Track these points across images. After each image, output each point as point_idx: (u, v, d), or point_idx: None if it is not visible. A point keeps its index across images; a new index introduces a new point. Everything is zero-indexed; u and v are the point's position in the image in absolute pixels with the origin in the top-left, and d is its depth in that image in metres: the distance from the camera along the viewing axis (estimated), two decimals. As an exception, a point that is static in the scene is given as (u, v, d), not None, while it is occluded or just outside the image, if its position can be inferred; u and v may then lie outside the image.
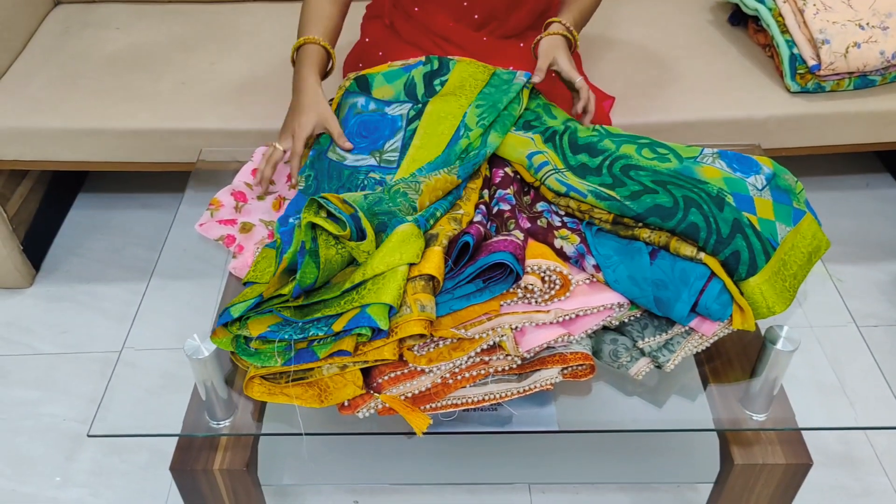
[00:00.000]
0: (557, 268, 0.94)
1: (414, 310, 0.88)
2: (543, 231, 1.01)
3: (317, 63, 1.20)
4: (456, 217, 1.01)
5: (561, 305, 0.95)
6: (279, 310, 0.94)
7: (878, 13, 1.56)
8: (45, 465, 1.43)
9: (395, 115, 1.19)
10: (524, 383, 0.97)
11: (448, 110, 1.17)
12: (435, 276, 0.91)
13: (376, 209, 0.99)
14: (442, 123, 1.15)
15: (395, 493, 1.37)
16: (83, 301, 1.73)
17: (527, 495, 1.37)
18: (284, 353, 0.91)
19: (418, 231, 0.95)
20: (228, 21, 1.82)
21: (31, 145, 1.58)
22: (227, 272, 1.24)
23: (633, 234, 1.00)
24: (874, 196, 1.98)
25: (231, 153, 1.52)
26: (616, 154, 1.11)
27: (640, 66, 1.68)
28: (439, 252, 0.93)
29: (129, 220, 1.92)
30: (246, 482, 1.04)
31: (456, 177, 1.05)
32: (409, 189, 1.01)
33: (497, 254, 0.92)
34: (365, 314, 0.88)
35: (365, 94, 1.24)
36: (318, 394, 0.93)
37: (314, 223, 0.94)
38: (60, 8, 1.87)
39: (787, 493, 1.07)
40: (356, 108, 1.21)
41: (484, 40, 1.37)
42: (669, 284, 0.95)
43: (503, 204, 1.04)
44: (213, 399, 1.01)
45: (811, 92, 1.59)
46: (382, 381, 0.93)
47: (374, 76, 1.25)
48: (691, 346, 0.99)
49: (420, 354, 0.92)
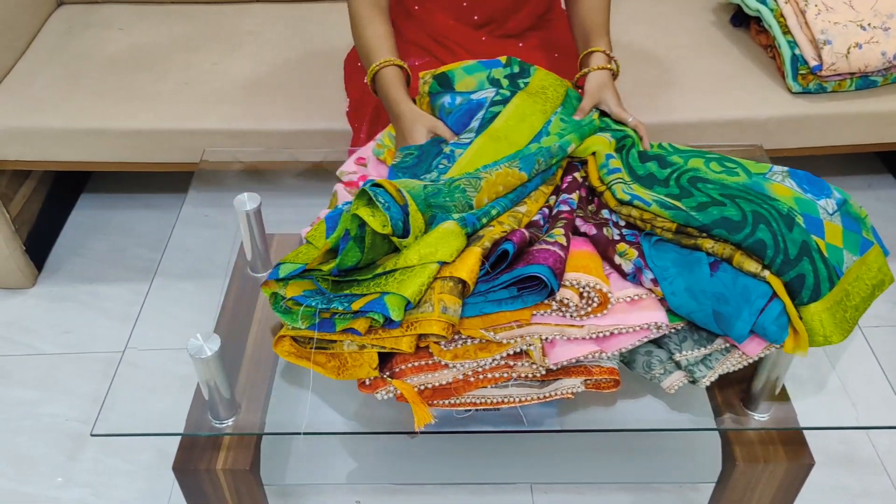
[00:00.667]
0: (598, 285, 0.91)
1: (436, 309, 0.88)
2: (605, 242, 0.98)
3: (401, 82, 1.19)
4: (516, 215, 0.99)
5: (596, 322, 0.93)
6: (317, 279, 0.95)
7: (880, 14, 1.56)
8: (47, 465, 1.43)
9: (481, 98, 1.16)
10: (545, 390, 0.96)
11: (531, 111, 1.14)
12: (466, 280, 0.90)
13: (432, 201, 0.97)
14: (524, 121, 1.13)
15: (397, 493, 1.37)
16: (86, 301, 1.73)
17: (529, 495, 1.37)
18: (309, 318, 0.93)
19: (460, 230, 0.94)
20: (231, 21, 1.83)
21: (34, 145, 1.58)
22: (231, 272, 1.24)
23: (696, 244, 0.97)
24: (876, 197, 1.98)
25: (233, 153, 1.52)
26: (684, 167, 1.09)
27: (641, 66, 1.68)
28: (477, 254, 0.91)
29: (131, 220, 1.92)
30: (249, 482, 1.04)
31: (518, 170, 1.02)
32: (469, 186, 0.99)
33: (535, 266, 0.89)
34: (381, 301, 0.89)
35: (448, 90, 1.20)
36: (337, 366, 0.94)
37: None
38: (63, 8, 1.88)
39: (789, 493, 1.07)
40: (445, 108, 1.19)
41: (483, 40, 1.37)
42: (730, 299, 0.92)
43: (563, 206, 1.02)
44: (216, 399, 1.01)
45: (813, 92, 1.59)
46: (405, 368, 0.93)
47: (452, 72, 1.21)
48: (731, 363, 0.96)
49: (446, 349, 0.91)
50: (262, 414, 1.06)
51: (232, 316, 1.21)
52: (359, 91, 1.47)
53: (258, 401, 1.07)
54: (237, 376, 1.10)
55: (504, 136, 1.10)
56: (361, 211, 0.92)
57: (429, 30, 1.38)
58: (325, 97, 1.59)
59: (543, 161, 1.05)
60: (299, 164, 1.64)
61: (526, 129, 1.12)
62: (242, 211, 1.19)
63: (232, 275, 1.29)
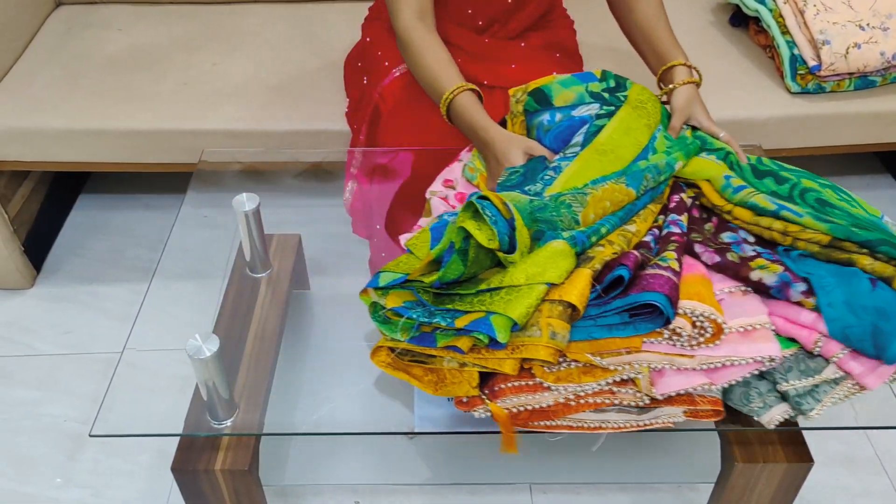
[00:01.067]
0: (712, 314, 0.87)
1: (544, 334, 0.85)
2: (735, 265, 0.94)
3: (480, 106, 1.14)
4: (626, 235, 0.95)
5: (708, 352, 0.89)
6: (418, 290, 0.92)
7: (879, 14, 1.56)
8: (47, 466, 1.43)
9: (584, 115, 1.11)
10: (644, 417, 0.93)
11: (636, 125, 1.09)
12: (577, 306, 0.86)
13: (538, 215, 0.93)
14: (629, 135, 1.07)
15: (396, 494, 1.37)
16: (85, 301, 1.73)
17: (528, 495, 1.37)
18: (409, 330, 0.90)
19: (570, 251, 0.90)
20: (230, 21, 1.82)
21: (33, 145, 1.58)
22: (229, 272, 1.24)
23: (850, 259, 0.92)
24: (875, 197, 1.97)
25: (232, 154, 1.52)
26: (801, 185, 1.04)
27: (641, 66, 1.68)
28: (587, 276, 0.88)
29: (130, 220, 1.92)
30: (247, 482, 1.04)
31: (625, 186, 0.98)
32: (575, 201, 0.95)
33: (651, 294, 0.85)
34: (487, 321, 0.86)
35: (546, 107, 1.15)
36: (435, 381, 0.93)
37: None
38: (62, 8, 1.88)
39: (789, 494, 1.07)
40: (544, 126, 1.13)
41: (486, 42, 1.37)
42: (892, 316, 0.87)
43: (673, 227, 0.97)
44: (215, 399, 1.01)
45: (812, 92, 1.60)
46: (504, 387, 0.91)
47: (548, 87, 1.15)
48: (841, 394, 0.92)
49: (549, 371, 0.89)
50: (260, 414, 1.06)
51: (231, 316, 1.21)
52: (358, 91, 1.47)
53: (257, 401, 1.07)
54: (236, 377, 1.10)
55: (610, 149, 1.05)
56: (467, 223, 0.89)
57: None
58: (325, 98, 1.59)
59: (652, 178, 1.01)
60: (298, 165, 1.64)
61: (631, 143, 1.07)
62: (241, 211, 1.20)
63: (231, 275, 1.30)
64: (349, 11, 1.82)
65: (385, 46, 1.41)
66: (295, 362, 1.29)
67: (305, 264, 1.46)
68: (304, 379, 1.28)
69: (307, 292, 1.46)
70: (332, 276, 1.71)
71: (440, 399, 1.12)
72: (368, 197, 1.41)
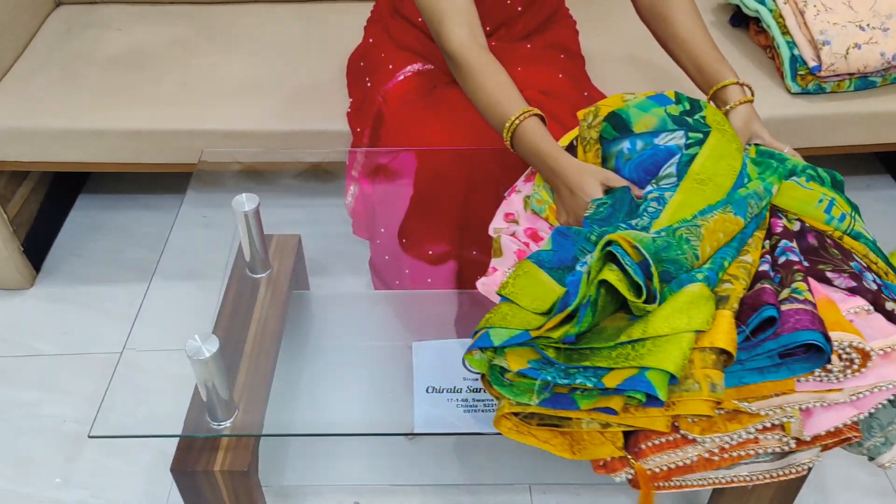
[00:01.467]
0: (859, 343, 0.82)
1: (703, 388, 0.80)
2: (873, 293, 0.90)
3: (546, 132, 1.06)
4: (745, 266, 0.90)
5: (856, 382, 0.84)
6: (542, 347, 0.85)
7: (879, 14, 1.56)
8: (46, 466, 1.43)
9: (671, 145, 1.04)
10: (778, 464, 0.90)
11: (727, 150, 1.03)
12: (730, 352, 0.81)
13: (663, 255, 0.88)
14: (723, 161, 1.02)
15: (396, 494, 1.37)
16: (84, 302, 1.73)
17: (527, 496, 1.37)
18: (541, 392, 0.84)
19: (710, 294, 0.85)
20: (230, 22, 1.82)
21: (32, 146, 1.58)
22: (229, 273, 1.24)
23: None
24: (875, 197, 1.98)
25: (232, 154, 1.52)
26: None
27: (640, 67, 1.68)
28: (730, 319, 0.83)
29: (130, 220, 1.92)
30: (247, 483, 1.04)
31: (733, 214, 0.93)
32: (692, 235, 0.90)
33: (808, 333, 0.81)
34: (643, 378, 0.80)
35: (626, 133, 1.07)
36: (569, 444, 0.87)
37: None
38: (62, 8, 1.87)
39: (789, 494, 1.07)
40: (624, 154, 1.06)
41: (492, 45, 1.36)
42: None
43: (791, 255, 0.93)
44: (214, 400, 1.01)
45: (812, 93, 1.59)
46: (647, 447, 0.86)
47: (626, 111, 1.07)
48: None
49: (692, 421, 0.84)
50: (260, 415, 1.06)
51: (230, 317, 1.21)
52: (361, 92, 1.46)
53: (256, 402, 1.07)
54: (235, 377, 1.10)
55: (708, 177, 1.00)
56: (609, 276, 0.82)
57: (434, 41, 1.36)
58: (324, 98, 1.59)
59: (755, 204, 0.96)
60: (298, 165, 1.64)
61: (727, 170, 1.01)
62: (241, 212, 1.19)
63: (230, 276, 1.30)
64: (349, 11, 1.82)
65: (388, 49, 1.41)
66: (294, 363, 1.29)
67: (305, 265, 1.46)
68: (304, 379, 1.28)
69: (307, 293, 1.46)
70: (332, 277, 1.71)
71: (440, 400, 1.12)
72: (371, 199, 1.40)
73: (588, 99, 1.45)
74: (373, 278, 1.48)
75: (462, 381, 1.14)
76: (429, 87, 1.35)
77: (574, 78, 1.41)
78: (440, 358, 1.18)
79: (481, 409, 1.11)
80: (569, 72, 1.40)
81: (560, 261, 0.93)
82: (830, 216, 0.99)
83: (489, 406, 1.11)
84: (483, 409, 1.11)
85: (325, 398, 1.25)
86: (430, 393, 1.13)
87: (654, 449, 0.86)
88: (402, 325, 1.38)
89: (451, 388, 1.13)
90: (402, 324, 1.39)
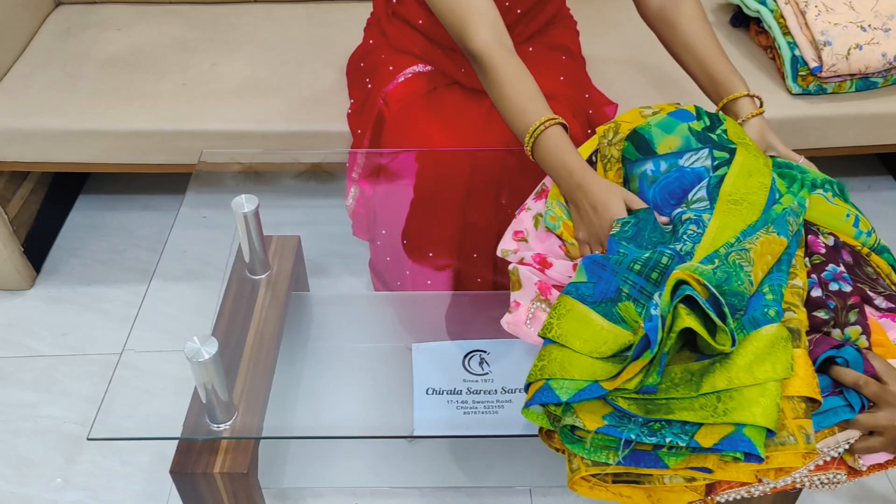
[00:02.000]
0: None
1: (800, 441, 0.79)
2: None
3: (570, 144, 1.03)
4: (798, 292, 0.89)
5: None
6: (614, 399, 0.81)
7: (880, 15, 1.56)
8: (45, 468, 1.43)
9: (697, 167, 1.01)
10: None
11: (754, 166, 1.00)
12: (817, 399, 0.81)
13: (725, 287, 0.85)
14: (752, 178, 0.99)
15: (396, 497, 1.37)
16: (84, 303, 1.73)
17: (527, 499, 1.37)
18: (623, 450, 0.80)
19: (787, 334, 0.83)
20: (229, 22, 1.82)
21: (32, 146, 1.57)
22: (228, 274, 1.23)
23: None
24: (876, 198, 1.97)
25: (232, 155, 1.52)
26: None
27: (640, 67, 1.68)
28: (805, 359, 0.82)
29: (130, 221, 1.92)
30: (246, 485, 1.04)
31: (777, 234, 0.91)
32: (743, 260, 0.87)
33: None
34: (743, 437, 0.77)
35: (649, 155, 1.04)
36: (646, 493, 0.85)
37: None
38: (61, 9, 1.87)
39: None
40: (647, 176, 1.03)
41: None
42: None
43: (842, 283, 0.91)
44: (214, 402, 1.01)
45: (813, 94, 1.59)
46: (719, 488, 0.85)
47: (648, 131, 1.05)
48: None
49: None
50: (259, 417, 1.06)
51: (230, 318, 1.21)
52: (361, 93, 1.46)
53: (256, 404, 1.07)
54: (235, 379, 1.10)
55: (741, 197, 0.97)
56: (691, 322, 0.79)
57: (434, 42, 1.35)
58: (324, 99, 1.59)
59: (793, 221, 0.94)
60: (297, 166, 1.64)
61: (757, 186, 0.98)
62: (240, 213, 1.19)
63: (230, 277, 1.29)
64: (349, 11, 1.82)
65: (389, 50, 1.40)
66: (294, 364, 1.29)
67: (305, 266, 1.46)
68: (304, 381, 1.28)
69: (306, 294, 1.46)
70: (332, 278, 1.71)
71: (439, 402, 1.12)
72: (371, 200, 1.40)
73: (589, 101, 1.45)
74: (372, 279, 1.48)
75: (462, 382, 1.14)
76: (429, 88, 1.34)
77: (575, 80, 1.40)
78: (440, 360, 1.18)
79: (481, 411, 1.10)
80: (570, 74, 1.39)
81: (602, 293, 0.90)
82: (859, 230, 0.99)
83: (489, 408, 1.11)
84: (483, 412, 1.10)
85: (324, 400, 1.24)
86: (429, 395, 1.13)
87: (727, 487, 0.84)
88: (402, 326, 1.38)
89: (450, 390, 1.13)
90: (401, 325, 1.39)
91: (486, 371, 1.16)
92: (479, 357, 1.18)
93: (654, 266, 0.90)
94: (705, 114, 1.07)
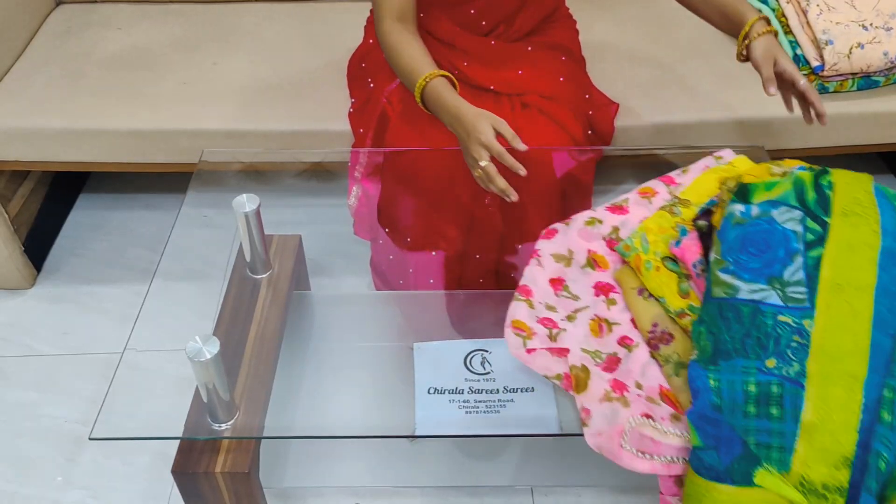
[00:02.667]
0: None
1: None
2: None
3: (451, 88, 1.18)
4: None
5: None
6: None
7: (882, 14, 1.55)
8: (46, 467, 1.43)
9: (787, 227, 0.95)
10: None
11: (856, 236, 0.92)
12: None
13: (877, 447, 0.80)
14: (855, 252, 0.91)
15: (397, 496, 1.37)
16: (85, 302, 1.73)
17: (529, 498, 1.37)
18: None
19: None
20: (230, 21, 1.82)
21: (33, 145, 1.57)
22: (230, 273, 1.23)
23: None
24: (877, 197, 1.97)
25: (233, 154, 1.52)
26: None
27: (641, 66, 1.68)
28: None
29: (130, 220, 1.92)
30: (248, 485, 1.04)
31: None
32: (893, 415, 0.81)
33: None
34: None
35: (743, 202, 1.01)
36: None
37: None
38: (62, 8, 1.87)
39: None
40: (734, 216, 0.99)
41: (492, 44, 1.36)
42: None
43: None
44: (215, 401, 1.00)
45: (814, 93, 1.59)
46: None
47: (754, 186, 1.02)
48: None
49: None
50: (261, 417, 1.06)
51: (231, 318, 1.21)
52: (363, 93, 1.46)
53: (257, 403, 1.07)
54: (236, 379, 1.10)
55: (845, 282, 0.89)
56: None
57: (432, 37, 1.36)
58: (325, 98, 1.58)
59: None
60: (299, 165, 1.64)
61: (860, 260, 0.91)
62: (241, 212, 1.19)
63: (231, 276, 1.29)
64: (349, 10, 1.81)
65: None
66: (295, 364, 1.29)
67: (306, 265, 1.46)
68: (305, 381, 1.28)
69: (308, 293, 1.46)
70: (333, 277, 1.71)
71: (441, 401, 1.12)
72: (374, 199, 1.40)
73: (590, 101, 1.44)
74: (374, 279, 1.47)
75: (464, 382, 1.14)
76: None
77: (575, 80, 1.40)
78: (442, 359, 1.18)
79: (483, 410, 1.10)
80: (570, 74, 1.39)
81: (728, 455, 0.83)
82: None
83: (491, 408, 1.11)
84: (485, 411, 1.10)
85: (326, 399, 1.24)
86: (431, 394, 1.12)
87: None
88: (404, 325, 1.38)
89: (452, 390, 1.13)
90: (403, 324, 1.38)
91: (487, 370, 1.15)
92: (480, 356, 1.17)
93: (766, 401, 0.83)
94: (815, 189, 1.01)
